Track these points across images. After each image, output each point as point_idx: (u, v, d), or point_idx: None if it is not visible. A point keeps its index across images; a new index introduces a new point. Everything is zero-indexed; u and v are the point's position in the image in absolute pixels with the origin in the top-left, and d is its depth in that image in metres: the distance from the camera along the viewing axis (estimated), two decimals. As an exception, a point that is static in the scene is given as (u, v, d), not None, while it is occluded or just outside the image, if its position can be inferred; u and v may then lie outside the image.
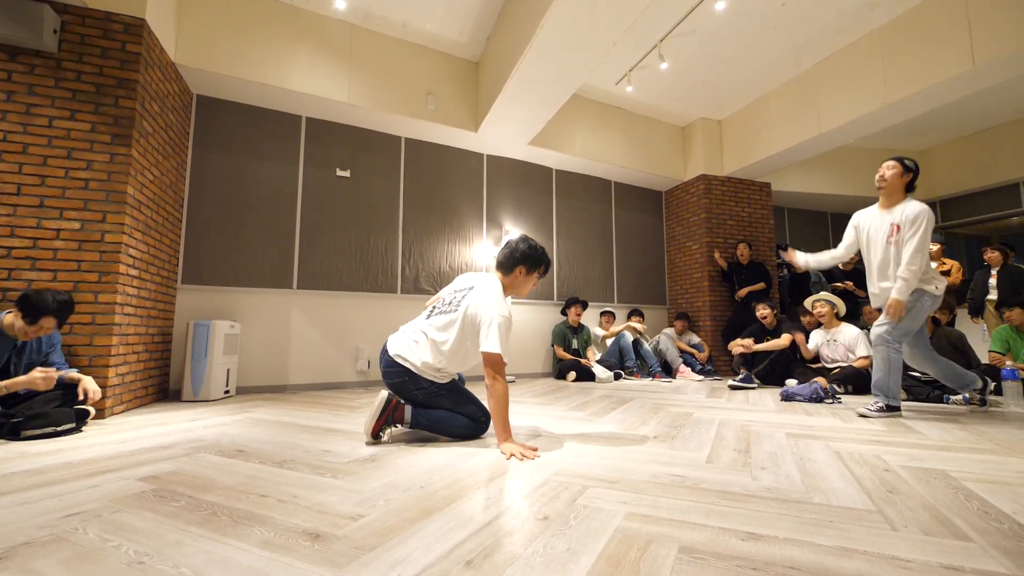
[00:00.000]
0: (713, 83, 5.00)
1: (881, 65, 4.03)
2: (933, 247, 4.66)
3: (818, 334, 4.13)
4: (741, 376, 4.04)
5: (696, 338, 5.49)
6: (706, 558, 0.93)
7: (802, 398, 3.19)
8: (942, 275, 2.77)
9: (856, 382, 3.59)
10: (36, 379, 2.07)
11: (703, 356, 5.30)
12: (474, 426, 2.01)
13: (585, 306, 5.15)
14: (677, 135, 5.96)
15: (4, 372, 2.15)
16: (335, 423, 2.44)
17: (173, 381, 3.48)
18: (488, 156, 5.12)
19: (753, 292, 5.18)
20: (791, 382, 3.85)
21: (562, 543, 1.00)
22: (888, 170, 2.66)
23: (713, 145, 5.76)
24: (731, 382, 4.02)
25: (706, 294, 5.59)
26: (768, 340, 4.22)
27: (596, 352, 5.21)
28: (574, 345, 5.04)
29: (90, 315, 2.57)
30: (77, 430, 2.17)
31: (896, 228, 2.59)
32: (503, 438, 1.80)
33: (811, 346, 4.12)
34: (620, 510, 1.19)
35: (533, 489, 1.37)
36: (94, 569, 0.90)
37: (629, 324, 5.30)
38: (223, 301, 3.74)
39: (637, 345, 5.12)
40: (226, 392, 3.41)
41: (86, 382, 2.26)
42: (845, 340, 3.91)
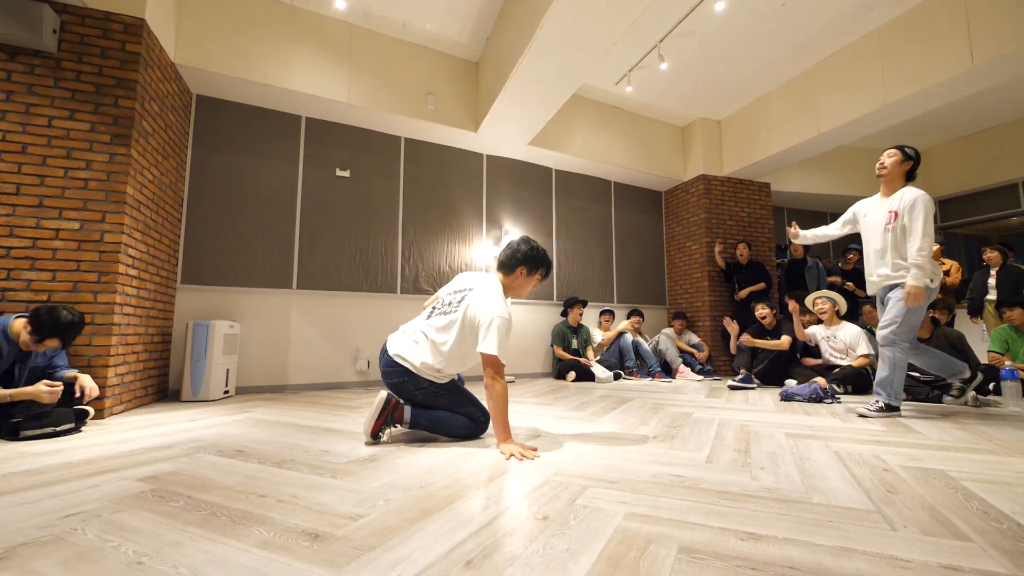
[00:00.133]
0: (713, 83, 5.00)
1: (881, 65, 4.03)
2: (933, 247, 4.66)
3: (818, 329, 4.13)
4: (741, 376, 4.04)
5: (695, 337, 5.50)
6: (705, 558, 0.94)
7: (801, 398, 3.19)
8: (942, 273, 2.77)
9: (855, 382, 3.60)
10: (41, 392, 2.06)
11: (703, 355, 5.30)
12: (474, 426, 2.01)
13: (585, 305, 5.15)
14: (677, 135, 5.96)
15: (8, 376, 2.15)
16: (334, 423, 2.43)
17: (172, 381, 3.48)
18: (488, 156, 5.12)
19: (753, 292, 5.19)
20: (790, 382, 3.85)
21: (562, 543, 1.00)
22: (888, 158, 2.67)
23: (713, 145, 5.76)
24: (731, 382, 4.02)
25: (706, 294, 5.59)
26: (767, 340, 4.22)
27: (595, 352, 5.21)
28: (574, 345, 5.04)
29: (89, 315, 2.57)
30: (76, 430, 2.17)
31: (894, 215, 2.59)
32: (503, 438, 1.80)
33: (814, 343, 4.10)
34: (620, 510, 1.19)
35: (533, 489, 1.37)
36: (93, 569, 0.90)
37: (625, 325, 5.30)
38: (222, 301, 3.74)
39: (636, 345, 5.12)
40: (225, 392, 3.41)
41: (83, 379, 2.25)
42: (846, 338, 3.91)
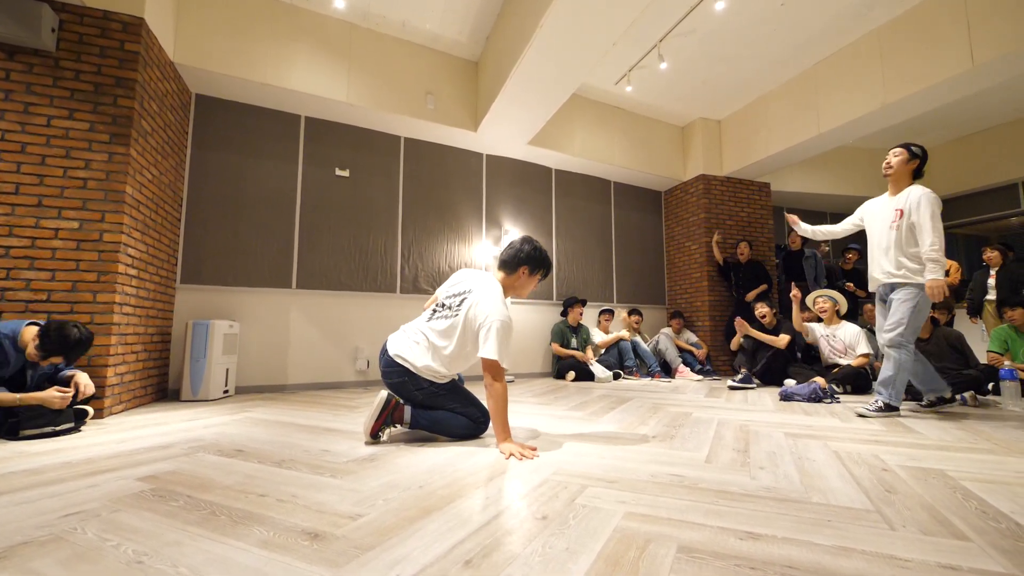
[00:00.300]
0: (713, 83, 5.00)
1: (880, 65, 4.03)
2: (943, 242, 4.66)
3: (818, 328, 4.12)
4: (740, 376, 4.04)
5: (694, 336, 5.50)
6: (705, 557, 0.94)
7: (801, 398, 3.19)
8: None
9: (855, 382, 3.60)
10: (53, 398, 2.07)
11: (702, 353, 5.30)
12: (473, 426, 2.01)
13: (584, 304, 5.15)
14: (676, 135, 5.96)
15: (18, 379, 2.15)
16: (334, 423, 2.43)
17: (172, 381, 3.48)
18: (487, 156, 5.12)
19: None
20: (790, 382, 3.85)
21: (561, 542, 1.00)
22: (894, 156, 2.67)
23: (712, 145, 5.76)
24: (730, 382, 4.03)
25: (705, 294, 5.59)
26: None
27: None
28: (573, 344, 5.04)
29: (89, 315, 2.57)
30: (76, 430, 2.16)
31: (900, 213, 2.60)
32: (502, 438, 1.80)
33: (810, 338, 4.07)
34: (619, 510, 1.19)
35: (532, 489, 1.37)
36: (93, 569, 0.90)
37: (623, 327, 5.30)
38: (222, 301, 3.74)
39: (636, 345, 5.13)
40: (225, 392, 3.41)
41: (79, 376, 2.26)
42: (846, 337, 3.91)
